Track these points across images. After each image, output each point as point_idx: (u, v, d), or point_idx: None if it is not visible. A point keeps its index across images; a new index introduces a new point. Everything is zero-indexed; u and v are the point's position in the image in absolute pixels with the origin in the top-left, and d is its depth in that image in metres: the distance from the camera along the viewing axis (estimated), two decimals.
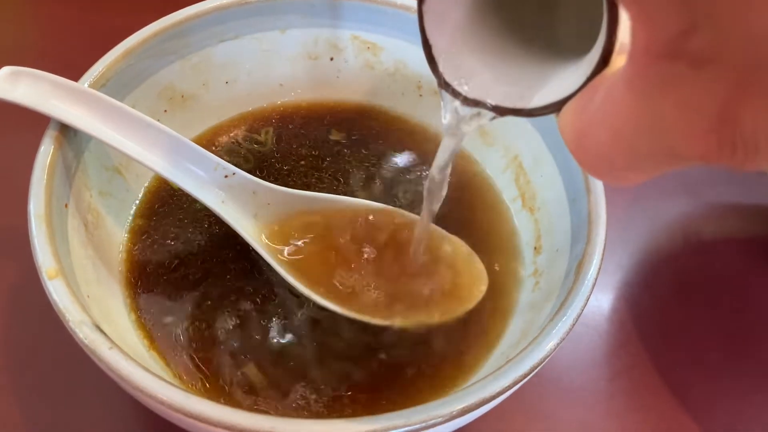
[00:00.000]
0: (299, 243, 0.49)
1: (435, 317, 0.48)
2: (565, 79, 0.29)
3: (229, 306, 0.47)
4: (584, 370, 0.56)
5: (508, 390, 0.36)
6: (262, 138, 0.56)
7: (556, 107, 0.28)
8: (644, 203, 0.67)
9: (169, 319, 0.46)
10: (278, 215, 0.50)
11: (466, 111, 0.33)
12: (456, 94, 0.33)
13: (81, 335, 0.36)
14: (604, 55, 0.25)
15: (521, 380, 0.37)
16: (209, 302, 0.47)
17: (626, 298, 0.60)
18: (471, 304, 0.48)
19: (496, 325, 0.48)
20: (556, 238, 0.48)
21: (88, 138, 0.46)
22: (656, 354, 0.57)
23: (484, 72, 0.33)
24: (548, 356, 0.38)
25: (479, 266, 0.50)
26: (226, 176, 0.48)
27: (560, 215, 0.48)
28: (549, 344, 0.38)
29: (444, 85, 0.33)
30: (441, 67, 0.32)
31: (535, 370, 0.38)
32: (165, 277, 0.48)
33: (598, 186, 0.45)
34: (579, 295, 0.40)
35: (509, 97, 0.32)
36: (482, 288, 0.49)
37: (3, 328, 0.51)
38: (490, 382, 0.36)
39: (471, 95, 0.32)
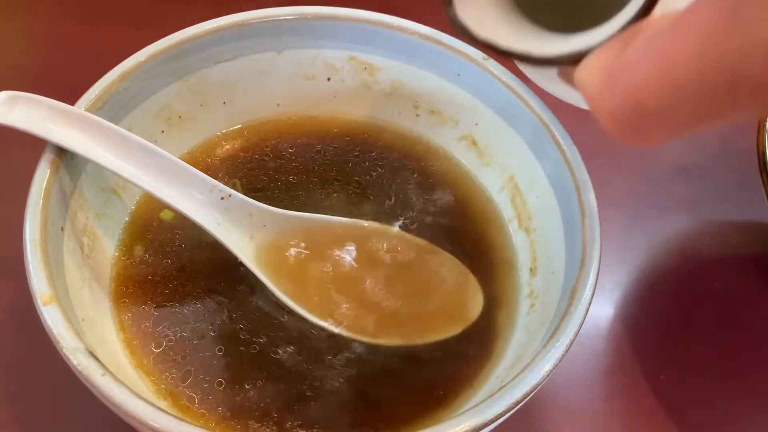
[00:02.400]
0: (295, 264, 0.49)
1: (429, 338, 0.48)
2: (580, 37, 0.29)
3: (220, 327, 0.47)
4: (580, 389, 0.56)
5: (500, 417, 0.36)
6: (258, 156, 0.56)
7: (573, 58, 0.28)
8: (643, 220, 0.67)
9: (157, 339, 0.46)
10: (274, 236, 0.50)
11: None
12: (465, 32, 0.33)
13: (75, 362, 0.36)
14: (648, 4, 0.26)
15: (513, 407, 0.37)
16: (199, 323, 0.47)
17: (623, 316, 0.60)
18: (466, 325, 0.49)
19: (491, 348, 0.48)
20: (551, 260, 0.48)
21: (85, 161, 0.46)
22: (653, 374, 0.57)
23: (500, 21, 0.34)
24: (540, 383, 0.38)
25: (475, 287, 0.50)
26: (222, 198, 0.48)
27: (555, 237, 0.48)
28: (541, 371, 0.38)
29: (455, 23, 0.33)
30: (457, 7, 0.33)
31: (528, 397, 0.38)
32: (155, 296, 0.48)
33: (593, 209, 0.45)
34: (572, 321, 0.40)
35: (521, 43, 0.32)
36: (477, 309, 0.49)
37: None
38: (482, 409, 0.36)
39: (481, 36, 0.33)
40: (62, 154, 0.44)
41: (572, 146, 0.48)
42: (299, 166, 0.56)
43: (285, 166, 0.56)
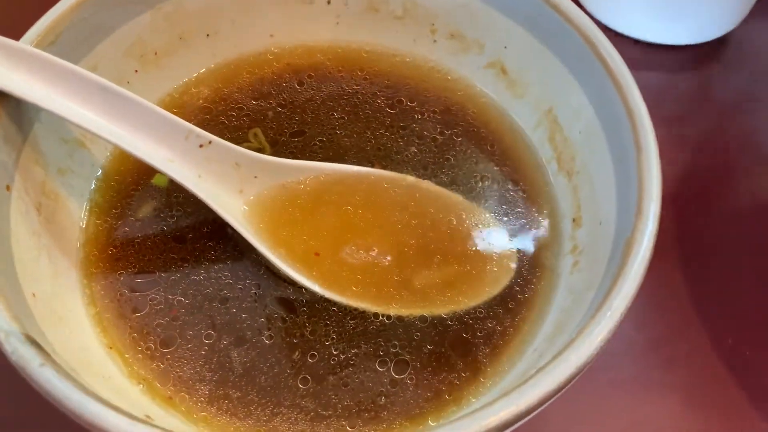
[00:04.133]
0: (294, 222, 0.42)
1: (453, 304, 0.40)
2: None
3: (206, 297, 0.40)
4: (635, 357, 0.48)
5: (540, 406, 0.29)
6: (250, 97, 0.48)
7: None
8: (704, 161, 0.58)
9: (133, 312, 0.39)
10: (268, 189, 0.42)
11: None
12: None
13: (9, 348, 0.29)
14: None
15: (557, 392, 0.29)
16: (182, 292, 0.40)
17: (684, 271, 0.51)
18: (496, 289, 0.41)
19: (528, 314, 0.40)
20: (598, 208, 0.39)
21: (38, 108, 0.39)
22: (719, 338, 0.48)
23: None
24: (591, 360, 0.30)
25: (506, 243, 0.42)
26: (201, 146, 0.40)
27: (604, 180, 0.39)
28: (592, 345, 0.30)
29: None
30: None
31: (576, 378, 0.30)
32: (131, 263, 0.41)
33: (650, 141, 0.36)
34: (627, 282, 0.32)
35: None
36: (509, 269, 0.41)
37: None
38: (519, 394, 0.28)
39: None
40: (3, 99, 0.37)
41: (623, 66, 0.39)
42: (298, 104, 0.48)
43: (282, 106, 0.48)
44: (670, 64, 0.63)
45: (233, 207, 0.41)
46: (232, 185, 0.42)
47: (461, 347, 0.38)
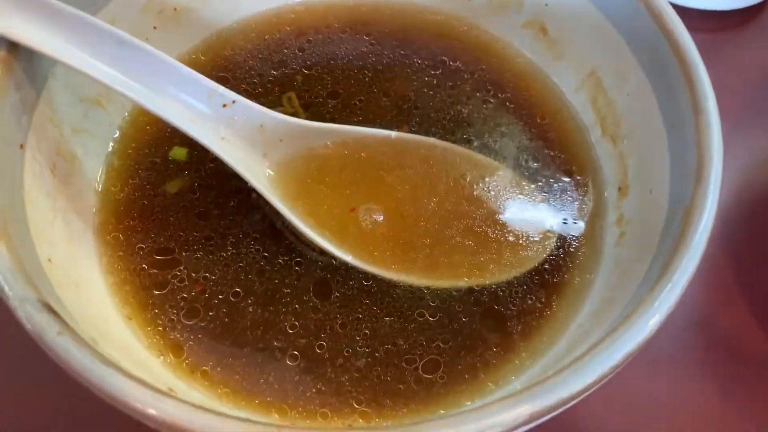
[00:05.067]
0: (321, 187, 0.40)
1: (488, 276, 0.38)
2: None
3: (229, 264, 0.38)
4: (675, 335, 0.45)
5: (596, 385, 0.27)
6: (278, 53, 0.46)
7: None
8: (746, 130, 0.55)
9: (153, 281, 0.37)
10: (293, 153, 0.40)
11: None
12: None
13: (24, 315, 0.27)
14: None
15: (613, 371, 0.27)
16: (204, 259, 0.38)
17: (727, 246, 0.48)
18: (535, 260, 0.39)
19: (571, 288, 0.37)
20: (648, 175, 0.37)
21: (51, 61, 0.37)
22: (764, 316, 0.46)
23: None
24: (648, 338, 0.28)
25: (545, 212, 0.40)
26: (224, 105, 0.38)
27: (654, 146, 0.37)
28: (650, 322, 0.28)
29: None
30: None
31: (631, 357, 0.28)
32: (150, 230, 0.39)
33: (709, 103, 0.33)
34: (688, 254, 0.29)
35: None
36: (550, 240, 0.39)
37: None
38: (573, 375, 0.26)
39: None
40: (17, 51, 0.34)
41: (680, 24, 0.36)
42: (327, 62, 0.46)
43: (310, 64, 0.45)
44: (710, 29, 0.60)
45: (258, 171, 0.39)
46: (256, 148, 0.39)
47: (496, 323, 0.36)
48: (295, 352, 0.35)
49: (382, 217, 0.39)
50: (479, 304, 0.37)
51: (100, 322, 0.34)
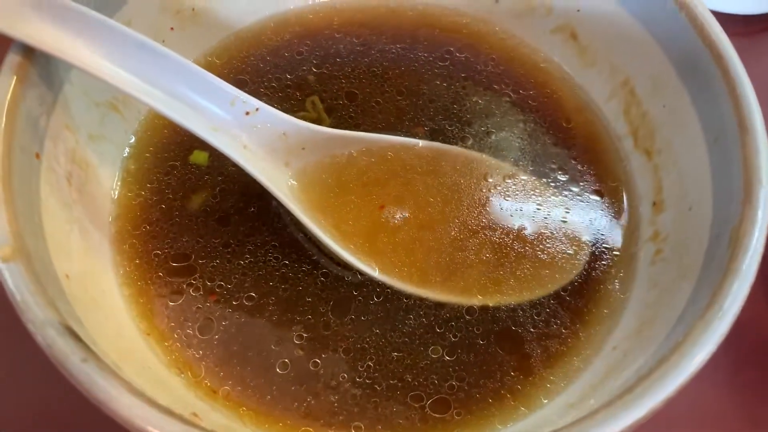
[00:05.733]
0: (346, 198, 0.38)
1: (516, 294, 0.37)
2: None
3: (246, 273, 0.37)
4: None
5: (646, 418, 0.25)
6: (295, 55, 0.44)
7: None
8: None
9: (170, 296, 0.36)
10: (315, 161, 0.39)
11: None
12: None
13: (44, 340, 0.26)
14: None
15: (665, 402, 0.26)
16: (221, 268, 0.37)
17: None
18: (565, 278, 0.37)
19: (604, 308, 0.36)
20: (687, 191, 0.36)
21: (67, 65, 0.35)
22: None
23: None
24: (700, 367, 0.26)
25: (576, 227, 0.39)
26: (247, 113, 0.37)
27: (694, 160, 0.35)
28: (703, 351, 0.26)
29: None
30: None
31: (681, 388, 0.26)
32: (167, 235, 0.38)
33: (755, 120, 0.32)
34: (739, 280, 0.28)
35: None
36: (580, 256, 0.38)
37: None
38: (626, 407, 0.25)
39: None
40: (33, 57, 0.33)
41: (722, 33, 0.34)
42: (349, 65, 0.44)
43: (331, 67, 0.44)
44: (734, 33, 0.59)
45: (281, 181, 0.37)
46: (277, 157, 0.38)
47: (523, 343, 0.35)
48: (322, 368, 0.34)
49: (406, 226, 0.38)
50: (501, 324, 0.35)
51: (120, 341, 0.32)
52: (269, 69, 0.44)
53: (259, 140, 0.37)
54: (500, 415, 0.33)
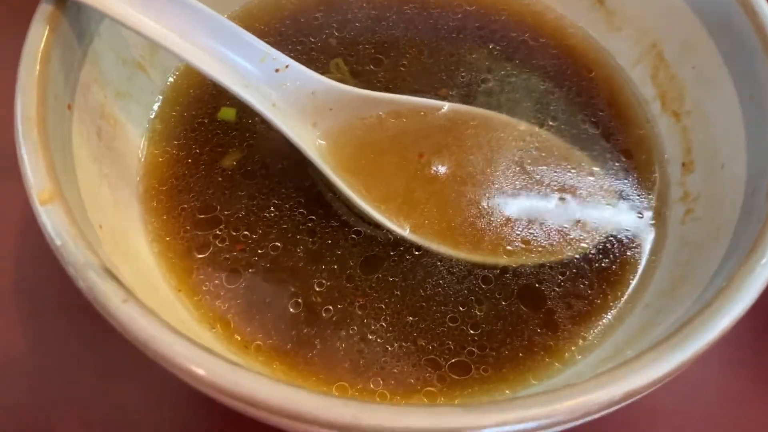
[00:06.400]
0: (373, 160, 0.38)
1: (549, 254, 0.36)
2: None
3: (271, 225, 0.36)
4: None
5: (691, 360, 0.25)
6: (318, 20, 0.44)
7: None
8: None
9: (196, 244, 0.36)
10: (342, 122, 0.38)
11: None
12: None
13: (85, 283, 0.26)
14: None
15: (709, 345, 0.26)
16: (246, 219, 0.37)
17: None
18: (595, 238, 0.37)
19: (632, 268, 0.36)
20: (718, 150, 0.36)
21: (98, 18, 0.35)
22: None
23: None
24: (743, 313, 0.26)
25: (605, 189, 0.39)
26: (277, 70, 0.36)
27: (726, 119, 0.35)
28: (746, 297, 0.26)
29: None
30: None
31: (722, 335, 0.26)
32: (192, 189, 0.38)
33: None
34: None
35: None
36: (609, 217, 0.38)
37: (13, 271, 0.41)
38: (670, 351, 0.25)
39: None
40: (64, 6, 0.33)
41: None
42: (386, 26, 0.44)
43: (359, 32, 0.44)
44: None
45: (309, 140, 0.37)
46: (305, 117, 0.38)
47: (558, 303, 0.35)
48: (349, 322, 0.34)
49: (434, 186, 0.38)
50: (529, 285, 0.35)
51: (154, 293, 0.32)
52: (291, 33, 0.44)
53: (288, 98, 0.37)
54: (534, 370, 0.33)
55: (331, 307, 0.34)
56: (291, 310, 0.34)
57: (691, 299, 0.29)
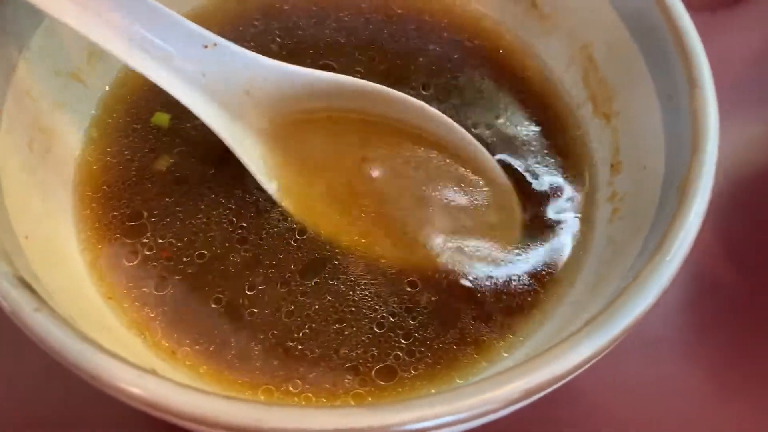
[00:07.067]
0: (296, 149, 0.38)
1: (477, 255, 0.37)
2: None
3: (198, 232, 0.37)
4: (668, 316, 0.45)
5: (590, 360, 0.26)
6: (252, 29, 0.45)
7: None
8: (738, 111, 0.54)
9: (125, 251, 0.36)
10: (273, 106, 0.38)
11: None
12: None
13: None
14: None
15: (608, 346, 0.26)
16: (172, 225, 0.37)
17: (719, 226, 0.48)
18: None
19: (563, 266, 0.37)
20: (641, 151, 0.36)
21: (30, 26, 0.35)
22: (756, 293, 0.45)
23: None
24: (644, 312, 0.27)
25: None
26: (205, 46, 0.36)
27: (648, 120, 0.36)
28: (649, 295, 0.27)
29: None
30: None
31: (627, 332, 0.27)
32: (123, 196, 0.38)
33: (705, 75, 0.33)
34: (686, 225, 0.29)
35: None
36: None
37: None
38: (569, 350, 0.25)
39: None
40: None
41: None
42: (324, 17, 0.45)
43: (297, 43, 0.44)
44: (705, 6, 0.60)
45: (242, 138, 0.37)
46: (240, 110, 0.38)
47: (487, 301, 0.35)
48: (276, 328, 0.34)
49: (361, 194, 0.38)
50: (466, 285, 0.36)
51: (81, 302, 0.33)
52: (234, 38, 0.44)
53: (217, 74, 0.37)
54: (460, 369, 0.33)
55: (255, 310, 0.35)
56: (217, 316, 0.34)
57: (606, 297, 0.30)
